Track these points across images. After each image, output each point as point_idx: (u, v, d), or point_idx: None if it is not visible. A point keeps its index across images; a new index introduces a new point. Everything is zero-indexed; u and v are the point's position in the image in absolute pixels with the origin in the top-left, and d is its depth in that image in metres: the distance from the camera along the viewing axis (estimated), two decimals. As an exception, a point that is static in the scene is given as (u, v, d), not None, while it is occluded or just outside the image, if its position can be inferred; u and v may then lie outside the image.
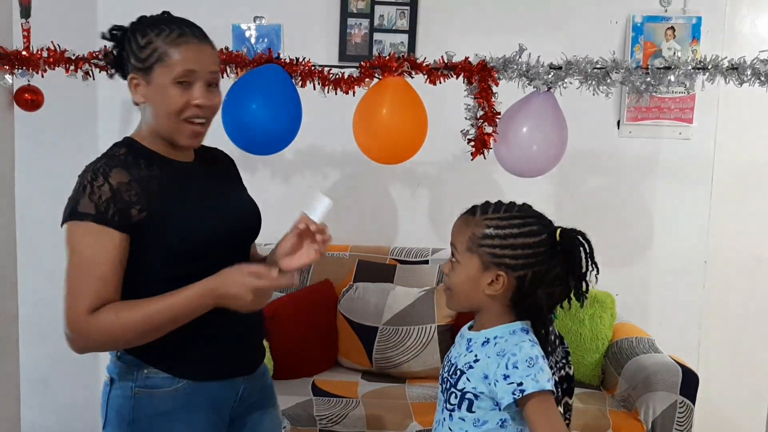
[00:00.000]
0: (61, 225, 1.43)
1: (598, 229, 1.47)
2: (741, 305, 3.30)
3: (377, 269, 3.04)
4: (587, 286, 1.38)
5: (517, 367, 1.30)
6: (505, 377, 1.31)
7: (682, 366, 2.55)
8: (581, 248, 1.37)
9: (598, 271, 1.38)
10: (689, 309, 3.26)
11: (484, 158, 2.38)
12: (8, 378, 3.05)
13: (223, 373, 1.52)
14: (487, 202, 1.41)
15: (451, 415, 1.39)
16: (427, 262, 3.07)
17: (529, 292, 1.36)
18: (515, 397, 1.30)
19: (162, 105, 1.44)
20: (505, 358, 1.32)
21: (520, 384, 1.29)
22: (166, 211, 1.43)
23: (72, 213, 1.40)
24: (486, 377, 1.34)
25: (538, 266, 1.35)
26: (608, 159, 3.21)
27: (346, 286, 2.96)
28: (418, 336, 2.81)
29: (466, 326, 1.48)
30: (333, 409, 2.52)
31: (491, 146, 2.35)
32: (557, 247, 1.36)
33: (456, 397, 1.38)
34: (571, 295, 1.39)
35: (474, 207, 1.42)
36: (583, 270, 1.37)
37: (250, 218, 1.61)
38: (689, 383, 2.50)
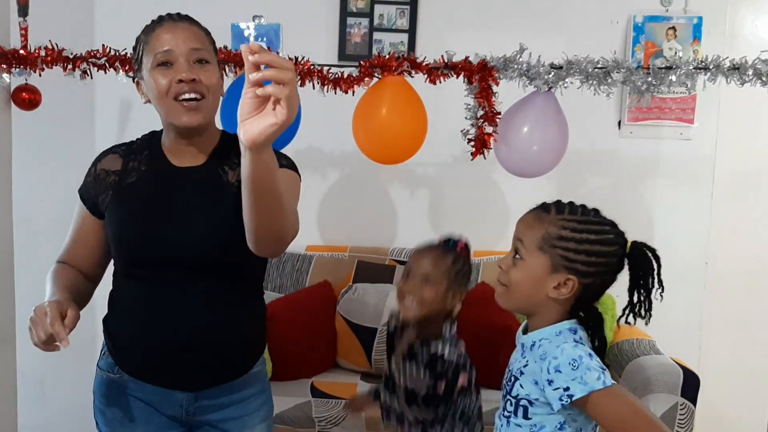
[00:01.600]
0: None
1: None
2: (742, 306, 3.28)
3: (376, 270, 3.03)
4: (650, 303, 1.34)
5: (560, 371, 1.24)
6: (550, 382, 1.25)
7: (683, 368, 2.54)
8: (652, 263, 1.32)
9: (663, 289, 1.34)
10: (690, 310, 3.25)
11: (484, 158, 2.37)
12: (5, 378, 3.03)
13: (153, 379, 1.51)
14: (560, 201, 1.35)
15: (508, 422, 1.35)
16: (426, 262, 3.05)
17: (591, 300, 1.33)
18: (563, 403, 1.24)
19: (152, 93, 1.44)
20: (546, 362, 1.27)
21: (567, 389, 1.23)
22: (117, 204, 1.49)
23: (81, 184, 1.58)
24: (536, 383, 1.29)
25: (608, 276, 1.31)
26: (609, 159, 3.19)
27: (345, 287, 2.94)
28: (417, 337, 2.80)
29: (520, 329, 1.43)
30: (332, 410, 2.50)
31: (491, 146, 2.34)
32: (626, 259, 1.32)
33: (511, 404, 1.34)
34: (638, 311, 1.35)
35: (547, 204, 1.35)
36: (651, 286, 1.33)
37: (200, 246, 1.44)
38: (690, 385, 2.49)
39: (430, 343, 1.58)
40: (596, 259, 1.29)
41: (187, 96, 1.41)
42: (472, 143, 2.35)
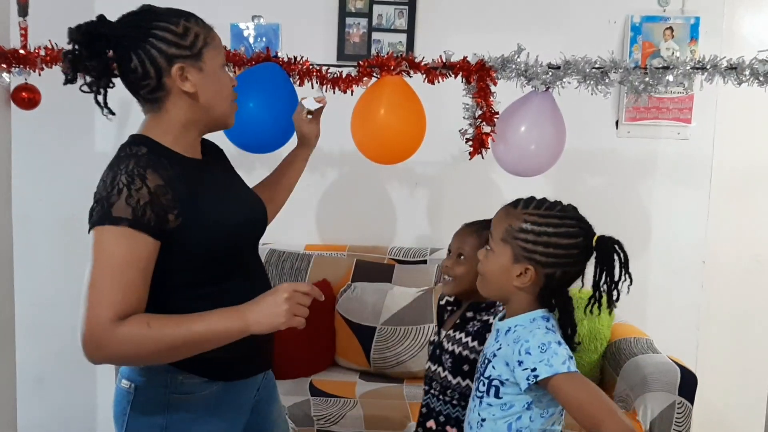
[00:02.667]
0: (90, 230, 1.32)
1: (596, 229, 1.47)
2: (739, 305, 3.29)
3: (375, 269, 3.03)
4: (618, 294, 1.42)
5: (529, 353, 1.34)
6: (520, 363, 1.35)
7: (681, 366, 2.55)
8: (617, 257, 1.40)
9: (631, 281, 1.41)
10: (687, 309, 3.26)
11: (482, 158, 2.38)
12: (4, 377, 3.04)
13: (250, 371, 1.55)
14: (532, 197, 1.44)
15: (480, 402, 1.44)
16: (425, 262, 3.06)
17: (557, 290, 1.41)
18: (530, 382, 1.33)
19: (219, 90, 1.47)
20: (518, 344, 1.36)
21: (534, 370, 1.32)
22: (195, 212, 1.38)
23: (104, 216, 1.30)
24: (507, 364, 1.38)
25: (569, 267, 1.39)
26: (606, 159, 3.20)
27: (344, 286, 2.95)
28: (416, 336, 2.81)
29: (497, 317, 1.53)
30: (331, 409, 2.51)
31: (489, 146, 2.35)
32: (593, 252, 1.40)
33: (484, 384, 1.43)
34: (602, 302, 1.42)
35: (518, 200, 1.45)
36: (616, 279, 1.41)
37: (261, 209, 1.63)
38: (687, 384, 2.50)
39: (481, 313, 1.67)
40: (554, 250, 1.38)
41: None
42: (471, 143, 2.36)
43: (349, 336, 2.87)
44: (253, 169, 3.05)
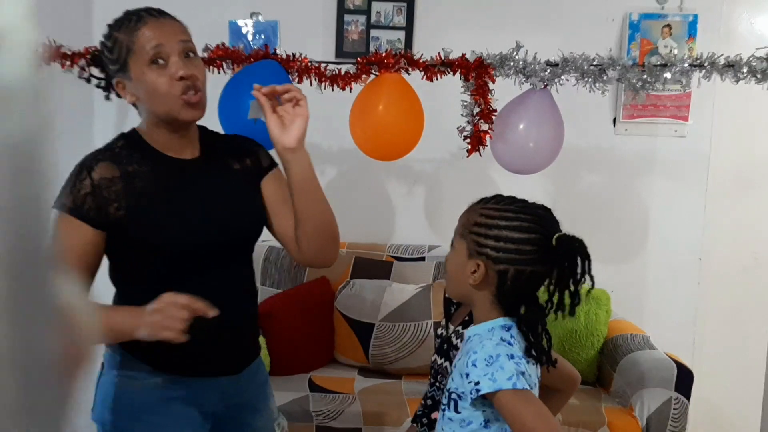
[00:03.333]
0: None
1: (593, 227, 1.47)
2: (736, 302, 3.31)
3: (374, 266, 3.04)
4: (579, 299, 1.30)
5: (475, 365, 1.26)
6: (467, 375, 1.27)
7: (677, 363, 2.56)
8: (579, 257, 1.29)
9: (593, 284, 1.31)
10: (684, 306, 3.27)
11: (480, 155, 2.38)
12: None
13: (203, 371, 1.51)
14: (499, 195, 1.39)
15: (443, 415, 1.38)
16: (423, 258, 3.07)
17: (510, 290, 1.31)
18: (472, 396, 1.27)
19: (148, 93, 1.42)
20: (467, 356, 1.29)
21: (477, 384, 1.25)
22: (143, 210, 1.42)
23: (56, 202, 1.41)
24: (461, 376, 1.31)
25: (522, 264, 1.30)
26: (604, 156, 3.21)
27: (342, 283, 2.96)
28: (414, 332, 2.81)
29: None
30: (329, 405, 2.52)
31: (487, 143, 2.35)
32: (552, 252, 1.29)
33: (446, 397, 1.36)
34: (560, 305, 1.32)
35: (484, 197, 1.40)
36: (578, 280, 1.30)
37: (238, 228, 1.53)
38: (684, 380, 2.51)
39: None
40: (504, 244, 1.29)
41: (190, 92, 1.42)
42: (468, 140, 2.36)
43: (347, 332, 2.88)
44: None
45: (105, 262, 1.51)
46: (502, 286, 1.31)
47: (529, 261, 1.30)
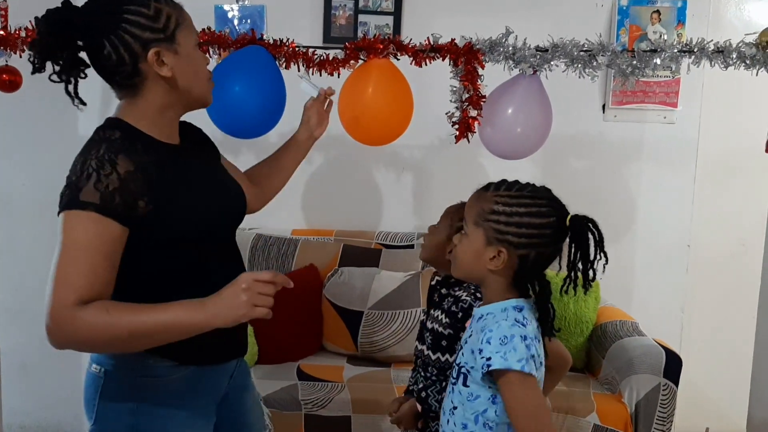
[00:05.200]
0: (59, 213, 1.30)
1: (581, 212, 1.46)
2: (723, 289, 3.32)
3: (362, 254, 3.03)
4: (594, 274, 1.39)
5: (489, 343, 1.32)
6: (480, 351, 1.33)
7: (666, 349, 2.57)
8: (591, 235, 1.37)
9: (606, 260, 1.37)
10: (672, 292, 3.29)
11: (468, 141, 2.37)
12: (-12, 364, 3.01)
13: (223, 357, 1.53)
14: (504, 180, 1.42)
15: (453, 389, 1.43)
16: (412, 246, 3.06)
17: (531, 272, 1.38)
18: (483, 371, 1.32)
19: (196, 70, 1.46)
20: (482, 334, 1.34)
21: (489, 359, 1.31)
22: (168, 199, 1.36)
23: (72, 201, 1.29)
24: (473, 352, 1.36)
25: (543, 248, 1.37)
26: (593, 143, 3.21)
27: (331, 271, 2.95)
28: (403, 320, 2.81)
29: (478, 304, 1.51)
30: (318, 393, 2.51)
31: (475, 129, 2.34)
32: (566, 232, 1.37)
33: (456, 371, 1.41)
34: (578, 282, 1.40)
35: (489, 184, 1.43)
36: (591, 258, 1.37)
37: (239, 198, 1.61)
38: (672, 366, 2.52)
39: (454, 289, 1.71)
40: (527, 230, 1.35)
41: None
42: (457, 126, 2.35)
43: (336, 321, 2.87)
44: (239, 153, 3.03)
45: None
46: (521, 269, 1.37)
47: (548, 243, 1.37)
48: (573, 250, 1.38)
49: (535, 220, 1.35)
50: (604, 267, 1.38)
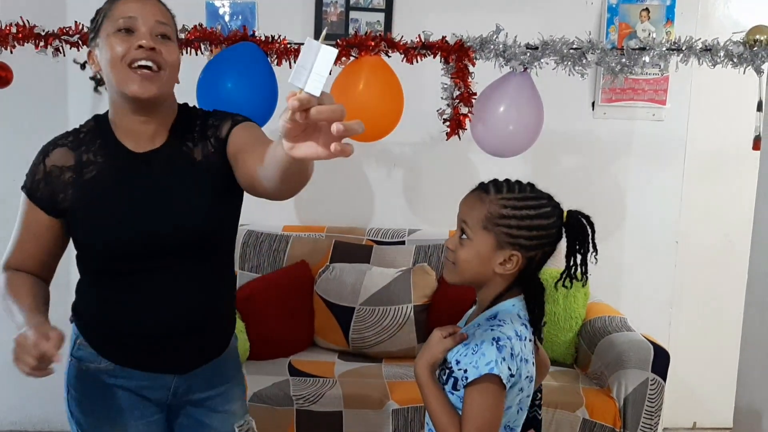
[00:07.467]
0: None
1: (572, 208, 1.48)
2: (711, 285, 3.35)
3: (354, 250, 3.04)
4: (587, 267, 1.41)
5: (466, 355, 1.33)
6: (457, 362, 1.34)
7: (654, 344, 2.59)
8: (589, 229, 1.39)
9: (596, 252, 1.40)
10: (661, 288, 3.31)
11: (459, 139, 2.38)
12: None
13: (144, 366, 1.50)
14: (497, 180, 1.41)
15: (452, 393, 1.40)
16: (403, 242, 3.07)
17: (535, 272, 1.39)
18: (463, 384, 1.32)
19: (107, 58, 1.36)
20: (466, 345, 1.35)
21: (466, 371, 1.32)
22: (82, 207, 1.42)
23: (24, 181, 1.47)
24: (458, 361, 1.36)
25: (548, 247, 1.38)
26: (583, 140, 3.23)
27: (322, 267, 2.95)
28: (394, 316, 2.82)
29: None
30: (310, 388, 2.52)
31: (466, 126, 2.35)
32: (564, 228, 1.39)
33: (445, 373, 1.38)
34: (574, 275, 1.41)
35: (485, 184, 1.40)
36: (586, 251, 1.40)
37: (183, 226, 1.43)
38: (660, 361, 2.55)
39: None
40: (537, 232, 1.36)
41: (143, 63, 1.34)
42: (448, 123, 2.36)
43: (327, 316, 2.88)
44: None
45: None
46: (527, 269, 1.38)
47: (553, 242, 1.39)
48: (571, 244, 1.40)
49: (543, 222, 1.36)
50: (596, 260, 1.40)
